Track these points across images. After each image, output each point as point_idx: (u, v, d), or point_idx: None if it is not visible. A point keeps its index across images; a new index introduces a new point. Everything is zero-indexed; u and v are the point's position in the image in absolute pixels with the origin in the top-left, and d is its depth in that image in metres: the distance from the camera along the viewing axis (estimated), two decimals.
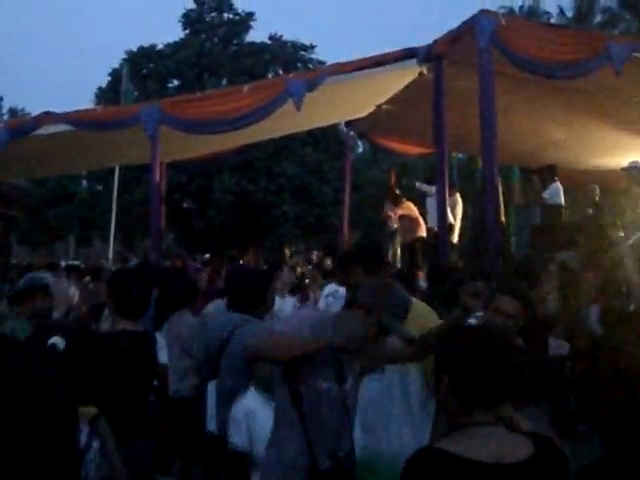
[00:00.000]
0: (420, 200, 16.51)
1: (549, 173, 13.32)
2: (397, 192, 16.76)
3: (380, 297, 3.69)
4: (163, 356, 7.18)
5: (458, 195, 15.37)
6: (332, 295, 9.59)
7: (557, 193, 12.97)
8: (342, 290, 8.57)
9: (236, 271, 7.54)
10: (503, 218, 10.68)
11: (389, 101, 14.28)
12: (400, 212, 16.01)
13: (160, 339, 7.36)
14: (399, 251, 15.97)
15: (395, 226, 16.02)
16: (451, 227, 13.58)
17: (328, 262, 15.17)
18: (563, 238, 10.14)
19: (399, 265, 15.33)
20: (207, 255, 20.76)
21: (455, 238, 14.84)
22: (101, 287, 11.32)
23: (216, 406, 5.49)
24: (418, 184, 16.17)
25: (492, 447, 2.39)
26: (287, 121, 14.05)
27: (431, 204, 14.38)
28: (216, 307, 7.70)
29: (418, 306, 4.52)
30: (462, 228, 15.67)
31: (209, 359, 5.57)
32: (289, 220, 34.96)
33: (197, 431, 6.08)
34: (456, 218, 14.87)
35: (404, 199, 16.39)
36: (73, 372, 3.60)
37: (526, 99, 12.65)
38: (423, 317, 4.45)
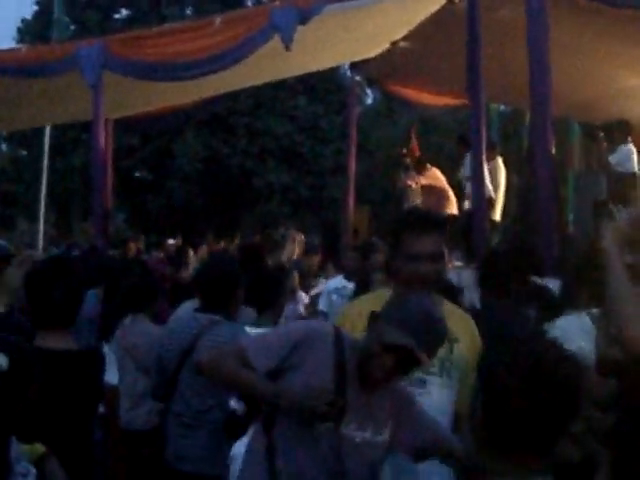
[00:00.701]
0: (450, 166, 16.52)
1: (619, 131, 13.26)
2: (419, 155, 16.75)
3: None
4: (112, 376, 7.19)
5: (500, 159, 15.35)
6: (338, 292, 9.59)
7: (628, 157, 12.90)
8: (351, 286, 8.58)
9: (206, 264, 7.56)
10: (558, 189, 10.69)
11: (407, 37, 14.28)
12: (423, 182, 15.97)
13: (109, 353, 7.39)
14: None
15: (417, 200, 16.01)
16: (491, 201, 13.56)
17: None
18: None
19: None
20: (171, 241, 20.69)
21: (497, 215, 14.79)
22: None
23: (172, 435, 5.58)
24: None
25: None
26: (272, 64, 14.06)
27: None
28: (186, 311, 7.61)
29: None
30: (506, 202, 15.67)
31: (164, 374, 5.63)
32: (276, 193, 35.01)
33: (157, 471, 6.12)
34: (497, 189, 14.82)
35: (428, 165, 16.35)
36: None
37: (589, 35, 12.62)
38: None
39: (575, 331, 4.67)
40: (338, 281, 10.04)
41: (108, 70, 12.46)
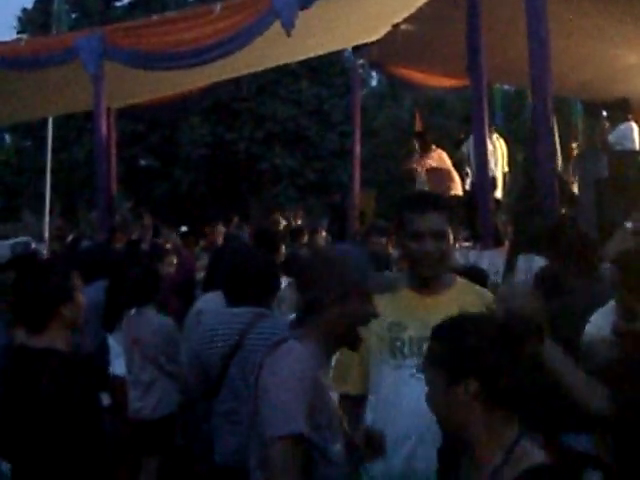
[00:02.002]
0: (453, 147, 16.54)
1: (620, 109, 13.28)
2: (425, 137, 16.76)
3: None
4: (118, 367, 7.29)
5: (496, 137, 15.34)
6: None
7: (628, 136, 12.90)
8: None
9: (237, 252, 7.38)
10: (560, 168, 10.70)
11: (409, 19, 14.28)
12: (429, 163, 15.97)
13: (114, 345, 7.47)
14: None
15: (423, 183, 16.03)
16: (494, 181, 13.59)
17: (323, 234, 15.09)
18: (637, 195, 10.15)
19: None
20: (184, 228, 20.71)
21: (499, 193, 14.82)
22: None
23: (214, 433, 5.37)
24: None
25: None
26: (275, 49, 14.07)
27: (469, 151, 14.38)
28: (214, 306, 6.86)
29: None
30: (510, 181, 15.67)
31: (206, 372, 5.35)
32: (282, 177, 35.00)
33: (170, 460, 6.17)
34: (495, 168, 14.82)
35: (433, 146, 16.35)
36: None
37: (590, 14, 12.64)
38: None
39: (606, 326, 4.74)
40: None
41: (108, 60, 12.49)
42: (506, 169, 15.47)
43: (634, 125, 13.13)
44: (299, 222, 19.65)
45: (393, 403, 4.13)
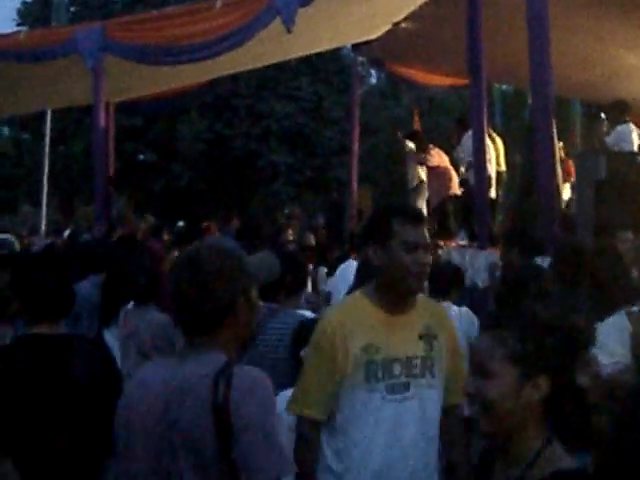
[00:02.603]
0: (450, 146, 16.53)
1: (617, 111, 13.27)
2: (422, 135, 16.74)
3: None
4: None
5: (494, 134, 15.28)
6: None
7: (625, 137, 12.88)
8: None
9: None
10: (559, 169, 10.68)
11: (409, 18, 14.28)
12: (427, 163, 15.94)
13: (111, 339, 7.45)
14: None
15: (420, 181, 16.04)
16: (489, 181, 13.59)
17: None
18: (635, 196, 10.16)
19: None
20: (181, 223, 20.70)
21: (492, 192, 14.79)
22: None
23: None
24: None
25: None
26: (274, 46, 14.06)
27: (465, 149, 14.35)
28: None
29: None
30: (508, 181, 15.66)
31: None
32: (280, 174, 34.97)
33: None
34: (490, 164, 14.77)
35: (431, 145, 16.33)
36: None
37: (590, 15, 12.65)
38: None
39: (611, 334, 4.72)
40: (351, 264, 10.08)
41: (108, 53, 12.48)
42: (503, 168, 15.42)
43: (632, 127, 13.13)
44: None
45: (364, 425, 4.08)
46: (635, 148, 12.86)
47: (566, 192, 14.89)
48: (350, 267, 9.81)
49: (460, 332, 6.58)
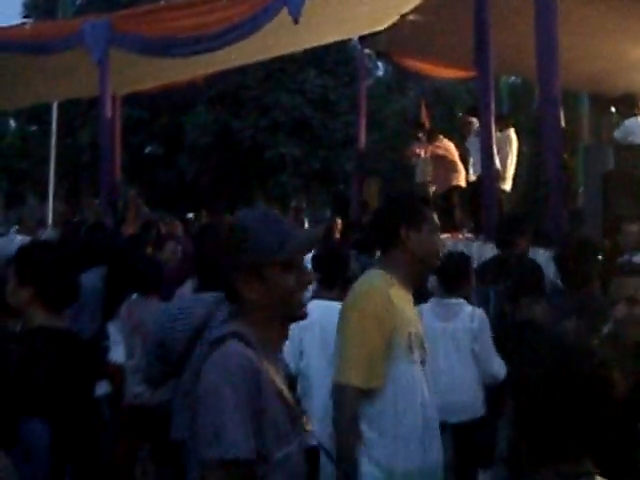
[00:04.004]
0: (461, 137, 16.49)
1: (626, 104, 13.24)
2: (429, 126, 16.70)
3: None
4: (118, 354, 7.26)
5: (512, 131, 15.23)
6: None
7: (633, 130, 12.86)
8: None
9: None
10: (567, 161, 10.66)
11: (416, 10, 14.24)
12: (434, 152, 15.88)
13: (114, 331, 7.45)
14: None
15: (426, 170, 15.95)
16: (498, 173, 13.54)
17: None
18: None
19: None
20: (190, 215, 20.70)
21: (508, 186, 14.72)
22: None
23: (173, 412, 5.27)
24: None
25: None
26: (281, 38, 14.05)
27: (473, 144, 14.32)
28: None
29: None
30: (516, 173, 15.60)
31: (168, 358, 5.26)
32: (287, 166, 34.96)
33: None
34: (507, 161, 14.72)
35: (440, 136, 16.24)
36: None
37: (598, 8, 12.61)
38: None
39: None
40: None
41: (114, 46, 12.47)
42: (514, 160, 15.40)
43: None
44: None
45: (410, 396, 4.23)
46: None
47: None
48: None
49: (469, 332, 6.57)
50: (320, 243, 6.81)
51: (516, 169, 15.02)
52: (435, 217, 4.39)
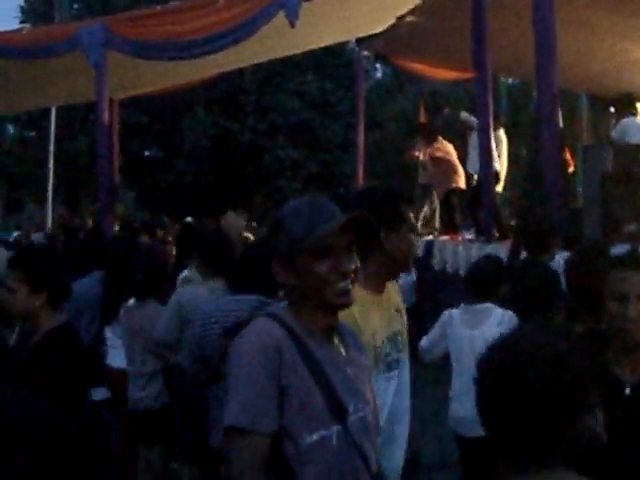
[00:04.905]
0: (461, 139, 16.49)
1: (624, 104, 13.25)
2: (428, 127, 16.69)
3: None
4: (116, 359, 7.25)
5: (502, 131, 15.29)
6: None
7: (630, 131, 12.84)
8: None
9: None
10: (569, 162, 10.66)
11: (413, 11, 14.24)
12: (433, 154, 15.88)
13: (111, 336, 7.44)
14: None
15: (425, 171, 15.93)
16: (497, 175, 13.56)
17: None
18: None
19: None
20: (189, 219, 20.71)
21: (499, 187, 14.77)
22: None
23: (212, 418, 5.23)
24: (464, 115, 15.60)
25: None
26: (279, 40, 14.04)
27: (473, 144, 14.33)
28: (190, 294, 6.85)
29: None
30: (512, 175, 15.62)
31: (206, 361, 5.22)
32: (285, 169, 34.95)
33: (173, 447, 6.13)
34: (500, 161, 14.77)
35: (439, 137, 16.24)
36: None
37: (596, 7, 12.61)
38: None
39: None
40: None
41: (110, 50, 12.47)
42: (505, 162, 15.42)
43: (638, 120, 13.09)
44: None
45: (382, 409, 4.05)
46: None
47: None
48: None
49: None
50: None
51: (515, 170, 15.05)
52: (411, 214, 4.21)
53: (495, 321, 6.33)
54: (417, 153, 16.00)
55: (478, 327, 6.37)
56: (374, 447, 3.17)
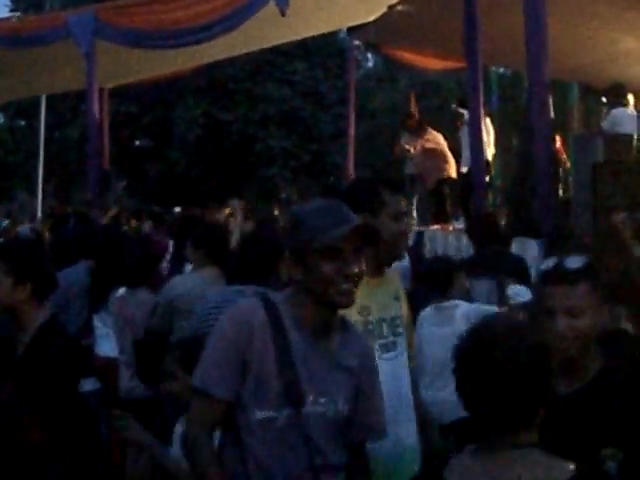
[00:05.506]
0: (451, 129, 16.48)
1: (615, 94, 13.28)
2: (418, 118, 16.69)
3: None
4: (106, 348, 7.23)
5: (488, 120, 15.28)
6: None
7: (620, 121, 12.85)
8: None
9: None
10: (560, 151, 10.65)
11: (405, 0, 14.22)
12: (423, 145, 15.87)
13: (100, 325, 7.41)
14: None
15: (416, 164, 15.92)
16: (487, 164, 13.56)
17: None
18: (631, 179, 10.14)
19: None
20: (177, 209, 20.65)
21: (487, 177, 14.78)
22: None
23: None
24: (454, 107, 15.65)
25: (516, 477, 2.52)
26: (270, 29, 14.00)
27: (465, 135, 14.33)
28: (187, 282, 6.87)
29: None
30: (503, 164, 15.62)
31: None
32: (276, 158, 34.91)
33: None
34: (488, 150, 14.79)
35: (429, 128, 16.24)
36: None
37: None
38: None
39: None
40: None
41: (100, 38, 12.43)
42: (493, 151, 15.41)
43: (628, 110, 13.12)
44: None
45: None
46: (632, 131, 12.84)
47: None
48: None
49: None
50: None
51: (506, 160, 15.07)
52: (399, 201, 4.23)
53: (461, 319, 6.42)
54: (408, 147, 15.98)
55: (447, 325, 6.44)
56: (337, 444, 3.30)
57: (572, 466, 2.54)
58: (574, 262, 3.39)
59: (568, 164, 14.03)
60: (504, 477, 2.52)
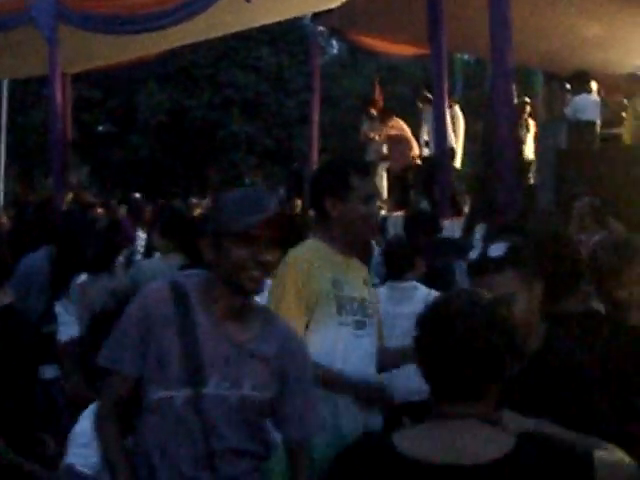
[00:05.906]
0: (415, 115, 16.51)
1: (578, 81, 13.34)
2: (382, 105, 16.70)
3: None
4: (67, 334, 7.16)
5: (457, 107, 15.34)
6: None
7: (583, 108, 12.95)
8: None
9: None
10: (522, 138, 10.66)
11: None
12: (387, 132, 15.92)
13: (62, 312, 7.34)
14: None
15: (380, 151, 15.96)
16: (452, 151, 13.60)
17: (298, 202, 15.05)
18: (593, 167, 10.19)
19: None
20: (137, 194, 20.49)
21: (457, 163, 14.83)
22: None
23: None
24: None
25: (454, 445, 2.54)
26: (234, 15, 13.93)
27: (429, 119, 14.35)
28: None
29: None
30: (469, 151, 15.66)
31: None
32: (241, 144, 34.84)
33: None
34: (457, 137, 14.84)
35: (393, 115, 16.30)
36: None
37: None
38: None
39: None
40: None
41: (62, 23, 12.32)
42: (462, 138, 15.48)
43: (591, 97, 13.20)
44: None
45: (333, 358, 4.18)
46: (595, 118, 12.91)
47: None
48: None
49: None
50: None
51: (470, 147, 15.11)
52: (368, 184, 4.29)
53: (421, 300, 6.34)
54: (372, 135, 16.03)
55: (405, 304, 6.43)
56: (242, 430, 3.28)
57: (514, 441, 2.54)
58: (497, 250, 3.42)
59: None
60: (451, 445, 2.53)
